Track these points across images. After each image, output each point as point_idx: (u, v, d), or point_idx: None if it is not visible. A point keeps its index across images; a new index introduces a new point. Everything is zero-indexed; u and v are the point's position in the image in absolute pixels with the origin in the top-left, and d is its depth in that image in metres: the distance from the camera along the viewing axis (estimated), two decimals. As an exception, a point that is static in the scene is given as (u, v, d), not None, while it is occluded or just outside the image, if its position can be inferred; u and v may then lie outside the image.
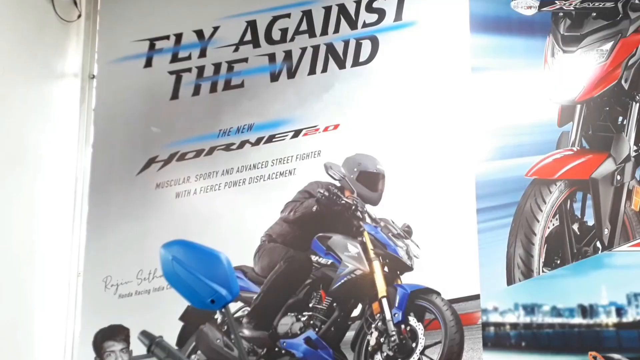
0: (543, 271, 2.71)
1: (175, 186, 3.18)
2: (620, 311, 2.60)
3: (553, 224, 2.74)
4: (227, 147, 3.17)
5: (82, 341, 3.04)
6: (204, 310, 2.87)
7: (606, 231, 2.69)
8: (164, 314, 2.94)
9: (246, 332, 2.93)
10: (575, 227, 2.75)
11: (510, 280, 2.71)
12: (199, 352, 2.93)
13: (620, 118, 2.74)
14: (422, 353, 2.72)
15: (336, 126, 3.04)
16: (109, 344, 3.04)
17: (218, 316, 3.02)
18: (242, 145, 3.15)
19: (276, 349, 2.87)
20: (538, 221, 2.73)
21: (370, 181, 2.94)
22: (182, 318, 3.01)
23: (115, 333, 3.04)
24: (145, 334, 1.31)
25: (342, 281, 2.85)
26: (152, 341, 1.30)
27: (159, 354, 1.30)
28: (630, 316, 2.59)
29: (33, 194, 2.79)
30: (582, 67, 2.74)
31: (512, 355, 2.68)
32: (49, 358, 2.85)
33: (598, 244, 2.69)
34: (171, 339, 2.78)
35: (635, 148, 2.69)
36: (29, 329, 2.72)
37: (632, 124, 2.70)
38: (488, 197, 2.78)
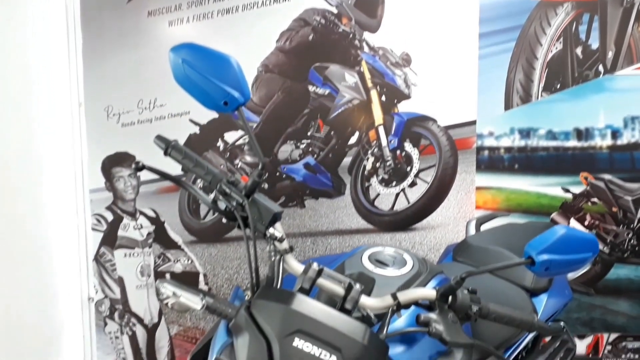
0: (542, 96, 2.70)
1: (168, 14, 3.06)
2: (615, 134, 2.63)
3: (556, 48, 2.68)
4: (218, -28, 3.01)
5: (91, 168, 3.16)
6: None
7: (610, 54, 2.63)
8: (167, 142, 3.00)
9: (247, 158, 3.04)
10: (579, 50, 2.68)
11: (508, 106, 2.71)
12: (203, 178, 3.05)
13: None
14: (416, 176, 2.82)
15: (332, -54, 2.86)
16: (117, 169, 3.16)
17: (220, 144, 3.10)
18: (233, -31, 2.99)
19: (277, 174, 2.99)
20: (541, 45, 2.66)
21: (368, 6, 2.82)
22: (185, 145, 3.09)
23: (123, 159, 3.14)
24: (160, 138, 1.32)
25: (340, 110, 2.87)
26: (168, 145, 1.31)
27: (175, 156, 1.32)
28: (625, 139, 2.62)
29: (25, 25, 2.72)
30: None
31: (504, 177, 2.76)
32: (61, 185, 2.98)
33: (600, 68, 2.64)
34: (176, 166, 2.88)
35: (651, -34, 2.54)
36: (39, 158, 2.81)
37: (650, -61, 2.52)
38: (492, 21, 2.68)
